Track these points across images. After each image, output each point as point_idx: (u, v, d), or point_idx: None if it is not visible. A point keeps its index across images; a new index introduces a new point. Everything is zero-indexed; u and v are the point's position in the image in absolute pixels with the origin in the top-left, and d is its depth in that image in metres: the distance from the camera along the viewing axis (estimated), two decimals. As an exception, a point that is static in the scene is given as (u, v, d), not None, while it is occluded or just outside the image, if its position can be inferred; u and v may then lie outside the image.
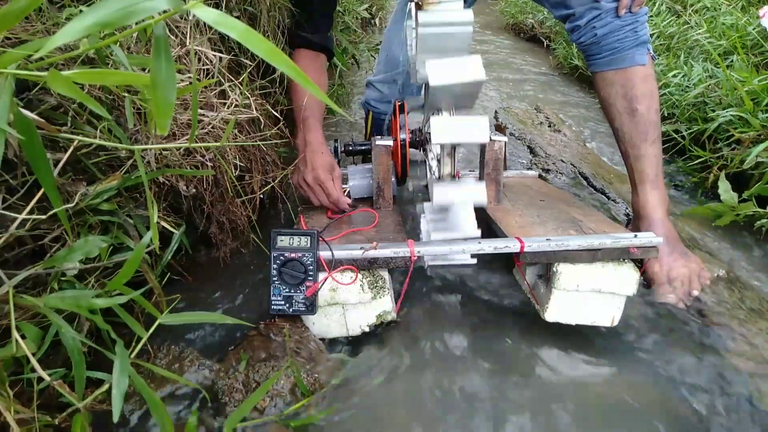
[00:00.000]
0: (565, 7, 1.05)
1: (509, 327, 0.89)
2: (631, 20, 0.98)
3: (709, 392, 0.77)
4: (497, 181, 1.03)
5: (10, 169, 0.59)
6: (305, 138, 1.04)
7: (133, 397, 0.69)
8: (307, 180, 1.01)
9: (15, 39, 0.61)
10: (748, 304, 0.94)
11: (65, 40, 0.34)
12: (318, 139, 1.04)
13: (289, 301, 0.77)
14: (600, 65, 1.03)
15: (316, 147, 1.03)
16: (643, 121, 1.00)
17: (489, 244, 0.80)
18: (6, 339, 0.52)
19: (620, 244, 0.79)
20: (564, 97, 2.43)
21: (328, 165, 1.01)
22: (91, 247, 0.56)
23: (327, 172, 1.00)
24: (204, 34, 0.88)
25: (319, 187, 1.01)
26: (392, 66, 1.39)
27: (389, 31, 1.46)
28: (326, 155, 1.03)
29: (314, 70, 1.15)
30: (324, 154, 1.02)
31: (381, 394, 0.75)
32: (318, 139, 1.04)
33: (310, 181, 1.01)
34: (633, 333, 0.88)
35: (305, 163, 1.02)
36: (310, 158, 1.01)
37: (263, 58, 0.36)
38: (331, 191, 1.00)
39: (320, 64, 1.17)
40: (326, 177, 1.00)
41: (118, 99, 0.70)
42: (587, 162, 1.58)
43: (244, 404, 0.60)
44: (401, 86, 1.40)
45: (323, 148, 1.04)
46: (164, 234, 0.79)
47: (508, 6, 4.05)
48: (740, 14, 1.88)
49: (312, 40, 1.13)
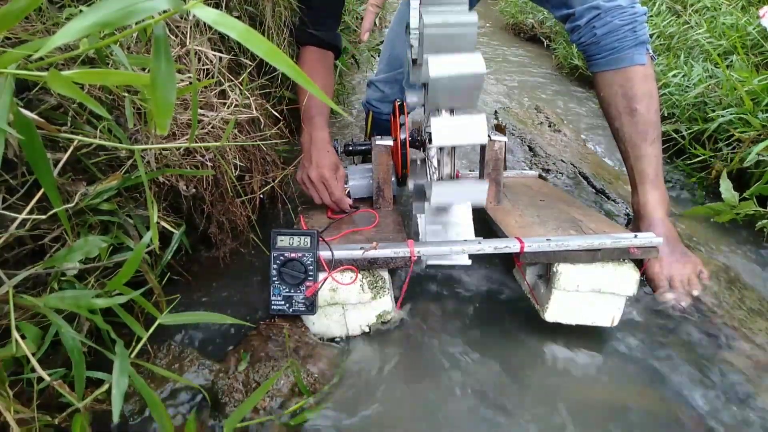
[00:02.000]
0: (565, 8, 1.05)
1: (509, 327, 0.89)
2: (631, 20, 0.98)
3: (709, 392, 0.77)
4: (497, 181, 1.03)
5: (10, 169, 0.59)
6: (311, 135, 1.03)
7: (133, 397, 0.69)
8: (311, 177, 1.00)
9: (15, 39, 0.61)
10: (748, 304, 0.94)
11: (65, 40, 0.34)
12: (324, 138, 1.03)
13: (289, 301, 0.77)
14: (599, 65, 1.03)
15: (322, 145, 1.02)
16: (643, 120, 1.00)
17: (489, 244, 0.80)
18: (6, 339, 0.52)
19: (620, 245, 0.79)
20: (564, 97, 2.43)
21: (332, 164, 1.01)
22: (91, 247, 0.56)
23: (331, 170, 1.00)
24: (204, 34, 0.88)
25: (323, 186, 1.00)
26: (394, 65, 1.38)
27: (391, 31, 1.44)
28: (331, 154, 1.02)
29: (322, 69, 1.13)
30: (329, 153, 1.02)
31: (381, 394, 0.75)
32: (324, 137, 1.03)
33: (314, 178, 1.00)
34: (633, 333, 0.88)
35: (310, 160, 1.01)
36: (315, 156, 1.01)
37: (263, 58, 0.36)
38: (334, 190, 0.99)
39: (329, 63, 1.17)
40: (330, 175, 1.00)
41: (118, 99, 0.70)
42: (587, 162, 1.58)
43: (244, 404, 0.60)
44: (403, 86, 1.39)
45: (329, 147, 1.03)
46: (164, 234, 0.79)
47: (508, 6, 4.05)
48: (740, 14, 1.88)
49: (320, 37, 1.12)
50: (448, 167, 0.83)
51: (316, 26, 1.12)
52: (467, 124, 0.73)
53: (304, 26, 1.12)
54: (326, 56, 1.15)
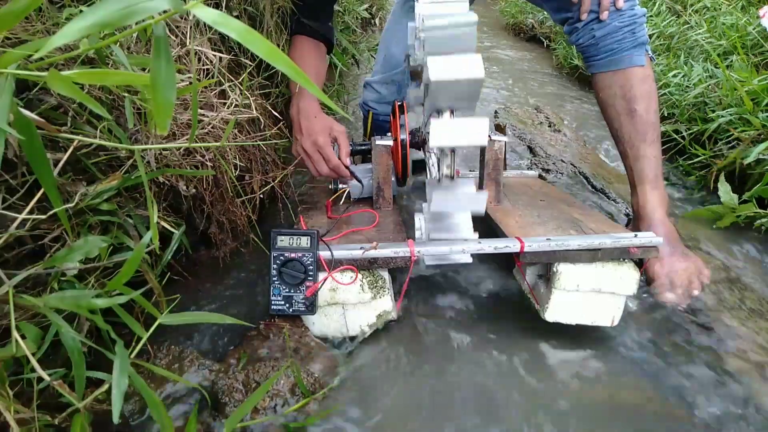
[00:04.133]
0: (564, 10, 1.05)
1: (509, 327, 0.89)
2: (629, 22, 0.98)
3: (709, 392, 0.77)
4: (497, 181, 1.03)
5: (10, 169, 0.59)
6: (298, 105, 1.00)
7: (133, 397, 0.69)
8: (306, 147, 0.97)
9: (15, 39, 0.61)
10: (748, 304, 0.94)
11: (65, 40, 0.34)
12: (311, 105, 1.00)
13: (289, 301, 0.77)
14: (598, 66, 1.03)
15: (310, 112, 0.98)
16: (642, 121, 1.00)
17: (489, 244, 0.80)
18: (6, 339, 0.52)
19: (620, 244, 0.79)
20: (564, 97, 2.43)
21: (325, 127, 0.97)
22: (91, 247, 0.56)
23: (325, 135, 0.96)
24: (204, 34, 0.88)
25: (318, 155, 0.96)
26: (390, 66, 1.37)
27: (387, 31, 1.43)
28: (321, 118, 0.98)
29: (313, 55, 1.12)
30: (318, 118, 0.98)
31: (381, 394, 0.75)
32: (311, 104, 1.00)
33: (308, 148, 0.97)
34: (633, 333, 0.88)
35: (300, 131, 0.98)
36: (305, 125, 0.97)
37: (263, 58, 0.36)
38: (330, 156, 0.96)
39: (320, 52, 1.15)
40: (325, 141, 0.96)
41: (118, 99, 0.70)
42: (587, 162, 1.58)
43: (244, 404, 0.60)
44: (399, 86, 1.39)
45: (317, 112, 0.99)
46: (164, 234, 0.79)
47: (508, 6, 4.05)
48: (740, 14, 1.88)
49: (313, 27, 1.10)
50: (447, 169, 0.83)
51: (308, 18, 1.10)
52: (468, 126, 0.73)
53: (296, 17, 1.11)
54: (318, 46, 1.14)
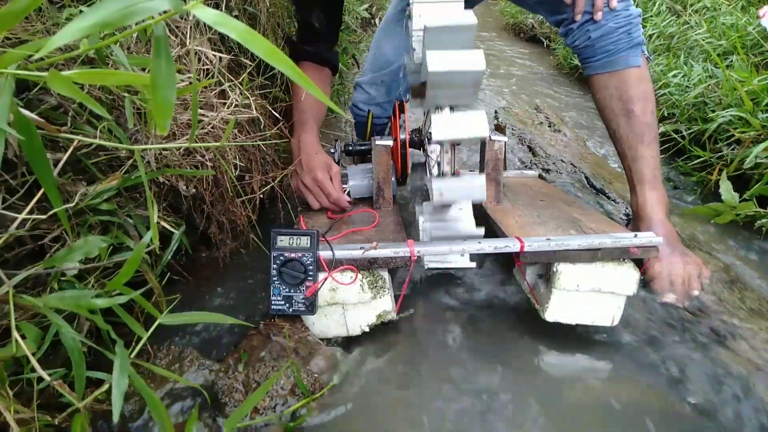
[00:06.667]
0: (558, 12, 1.05)
1: (509, 327, 0.89)
2: (625, 22, 0.98)
3: (709, 392, 0.77)
4: (497, 181, 1.03)
5: (10, 169, 0.59)
6: (299, 139, 1.04)
7: (133, 397, 0.69)
8: (306, 182, 1.01)
9: (15, 39, 0.61)
10: (748, 304, 0.94)
11: (65, 41, 0.34)
12: (312, 141, 1.04)
13: (289, 301, 0.77)
14: (594, 68, 1.03)
15: (311, 148, 1.02)
16: (639, 122, 0.99)
17: (489, 244, 0.80)
18: (6, 339, 0.52)
19: (620, 244, 0.79)
20: (564, 97, 2.43)
21: (324, 164, 1.01)
22: (91, 247, 0.56)
23: (324, 171, 1.00)
24: (204, 34, 0.88)
25: (318, 189, 1.00)
26: (379, 66, 1.35)
27: (380, 31, 1.41)
28: (321, 155, 1.02)
29: (317, 78, 1.14)
30: (319, 155, 1.02)
31: (381, 394, 0.75)
32: (312, 140, 1.04)
33: (308, 183, 1.00)
34: (633, 333, 0.88)
35: (301, 166, 1.02)
36: (306, 161, 1.01)
37: (263, 58, 0.36)
38: (331, 191, 0.99)
39: (324, 75, 1.17)
40: (324, 177, 0.99)
41: (118, 99, 0.70)
42: (587, 162, 1.58)
43: (244, 404, 0.60)
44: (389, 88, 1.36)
45: (317, 149, 1.03)
46: (164, 234, 0.79)
47: (508, 6, 4.05)
48: (740, 14, 1.88)
49: (316, 52, 1.13)
50: (448, 165, 0.83)
51: (312, 44, 1.12)
52: (468, 119, 0.73)
53: (300, 43, 1.13)
54: (322, 70, 1.16)
